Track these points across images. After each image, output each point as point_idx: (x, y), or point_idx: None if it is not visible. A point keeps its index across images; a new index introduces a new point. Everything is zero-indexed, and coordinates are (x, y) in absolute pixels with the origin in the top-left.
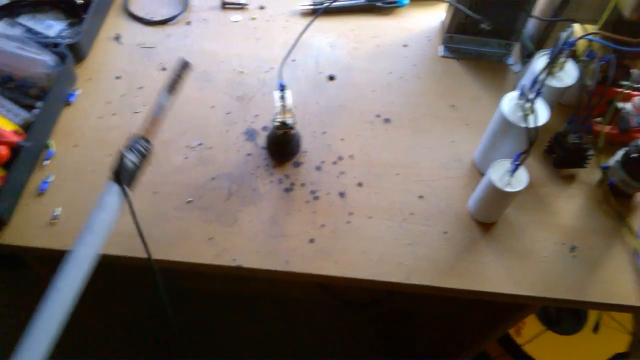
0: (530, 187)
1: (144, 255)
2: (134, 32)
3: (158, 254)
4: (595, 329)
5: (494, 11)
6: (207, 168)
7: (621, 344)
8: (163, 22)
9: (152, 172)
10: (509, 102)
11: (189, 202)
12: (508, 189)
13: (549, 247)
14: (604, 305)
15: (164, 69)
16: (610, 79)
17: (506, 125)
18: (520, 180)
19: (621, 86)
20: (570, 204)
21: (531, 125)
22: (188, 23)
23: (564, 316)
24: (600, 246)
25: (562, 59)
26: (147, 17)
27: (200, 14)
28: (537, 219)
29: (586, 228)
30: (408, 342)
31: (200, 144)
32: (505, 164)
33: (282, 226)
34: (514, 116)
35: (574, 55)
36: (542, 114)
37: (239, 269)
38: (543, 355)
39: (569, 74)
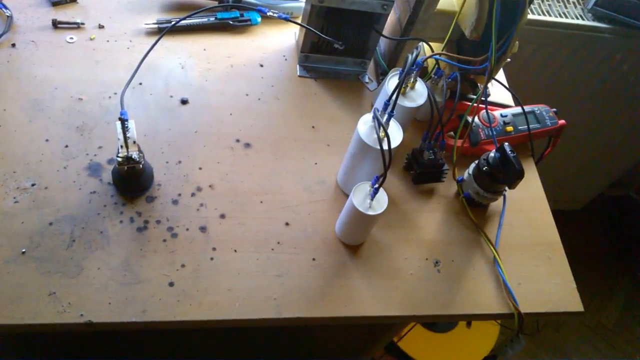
0: (393, 204)
1: None
2: None
3: None
4: (469, 324)
5: (346, 31)
6: (43, 212)
7: (492, 336)
8: None
9: None
10: (365, 124)
11: (22, 253)
12: (370, 213)
13: (414, 264)
14: (471, 316)
15: None
16: (457, 95)
17: (363, 147)
18: (381, 202)
19: (470, 100)
20: (432, 219)
21: (385, 148)
22: (13, 45)
23: None
24: (462, 258)
25: (411, 79)
26: None
27: (27, 34)
28: (402, 236)
29: (448, 241)
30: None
31: (33, 185)
32: (366, 187)
33: (137, 271)
34: (370, 139)
35: (423, 74)
36: (396, 135)
37: (89, 325)
38: (423, 355)
39: (419, 93)
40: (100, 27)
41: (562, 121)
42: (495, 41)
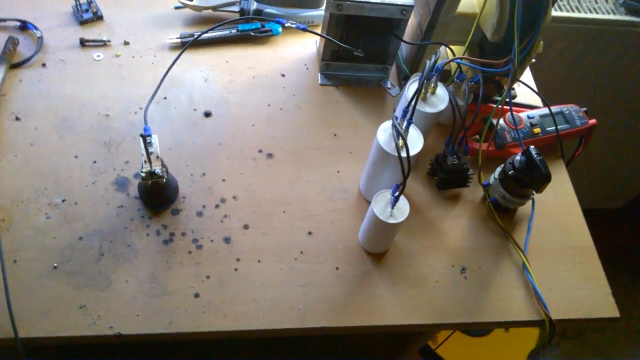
0: (417, 211)
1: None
2: None
3: (22, 332)
4: (507, 328)
5: (366, 37)
6: (73, 227)
7: (532, 339)
8: (14, 66)
9: (8, 237)
10: (384, 131)
11: (54, 267)
12: (391, 221)
13: (440, 271)
14: (499, 324)
15: (17, 119)
16: (480, 98)
17: (384, 155)
18: (403, 210)
19: (495, 102)
20: (457, 225)
21: (404, 155)
22: (43, 65)
23: None
24: (489, 264)
25: (432, 84)
26: None
27: (57, 54)
28: (427, 243)
29: (474, 247)
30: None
31: (63, 200)
32: (387, 195)
33: (163, 283)
34: (390, 146)
35: (446, 78)
36: (416, 143)
37: (118, 337)
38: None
39: (440, 98)
40: (126, 43)
41: (592, 121)
42: (517, 43)
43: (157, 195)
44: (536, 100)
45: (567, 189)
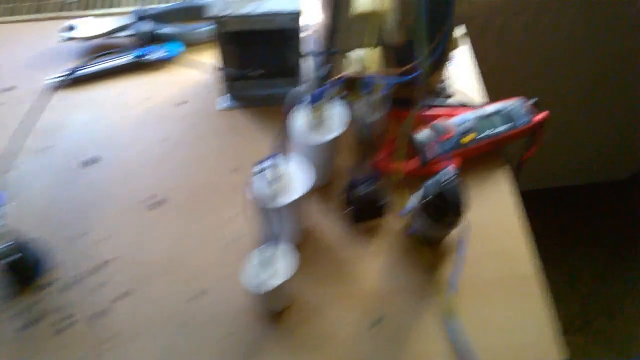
0: (328, 252)
1: None
2: None
3: None
4: None
5: (263, 52)
6: None
7: None
8: None
9: None
10: (256, 179)
11: None
12: (270, 286)
13: (351, 326)
14: None
15: None
16: (386, 111)
17: (260, 206)
18: (286, 266)
19: (429, 105)
20: (375, 264)
21: (274, 207)
22: None
23: None
24: (410, 310)
25: (322, 108)
26: None
27: None
28: (338, 291)
29: (394, 290)
30: None
31: None
32: (263, 254)
33: None
34: (263, 196)
35: (348, 92)
36: (297, 184)
37: None
38: None
39: (339, 120)
40: (9, 89)
41: (540, 115)
42: (425, 44)
43: (17, 272)
44: (482, 96)
45: (508, 205)
